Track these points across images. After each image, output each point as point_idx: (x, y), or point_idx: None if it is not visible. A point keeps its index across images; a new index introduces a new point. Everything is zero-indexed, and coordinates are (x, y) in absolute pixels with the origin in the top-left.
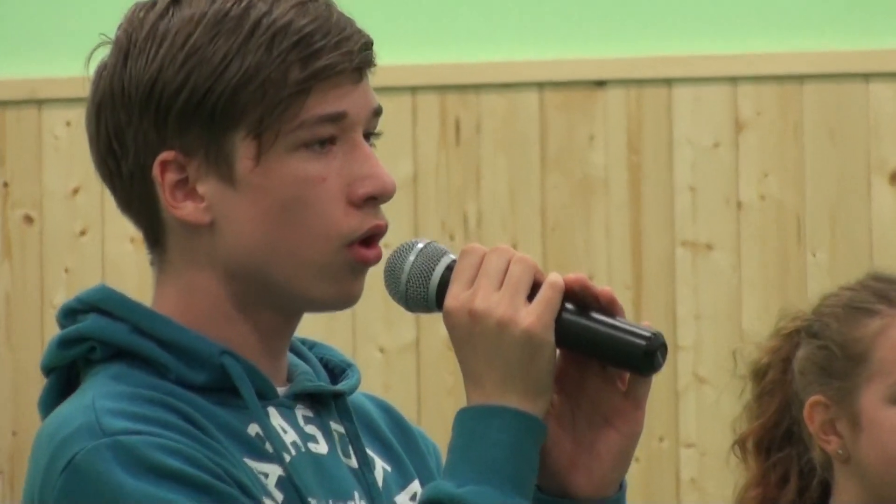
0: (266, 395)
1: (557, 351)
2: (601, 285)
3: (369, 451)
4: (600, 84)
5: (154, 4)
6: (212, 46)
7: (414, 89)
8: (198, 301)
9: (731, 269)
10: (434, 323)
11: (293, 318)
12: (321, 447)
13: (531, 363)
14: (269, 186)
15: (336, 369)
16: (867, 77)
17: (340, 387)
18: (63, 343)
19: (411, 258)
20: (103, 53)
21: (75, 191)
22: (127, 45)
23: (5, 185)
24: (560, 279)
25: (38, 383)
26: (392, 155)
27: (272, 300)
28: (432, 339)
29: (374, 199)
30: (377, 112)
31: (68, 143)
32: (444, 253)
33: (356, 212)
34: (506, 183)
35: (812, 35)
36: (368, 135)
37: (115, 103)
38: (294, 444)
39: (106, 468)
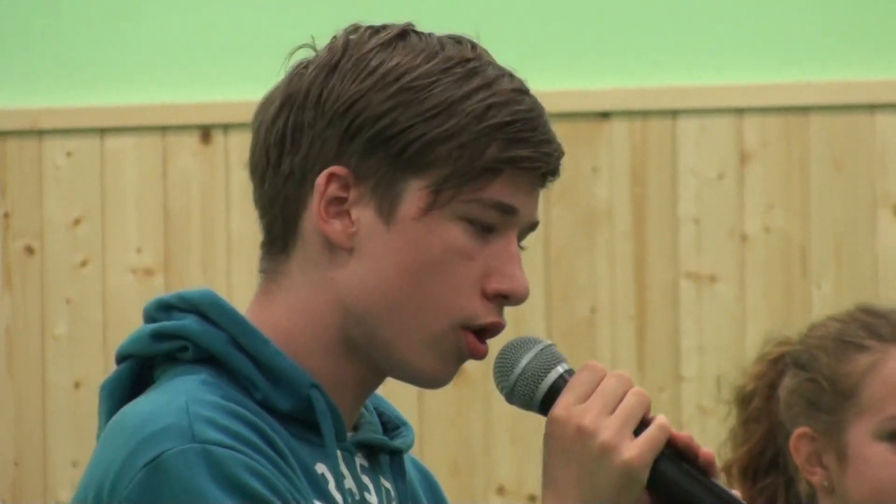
0: (338, 438)
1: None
2: (705, 447)
3: None
4: (604, 115)
5: (379, 30)
6: (426, 92)
7: None
8: (305, 324)
9: (734, 301)
10: None
11: (380, 378)
12: (373, 498)
13: (619, 495)
14: (422, 242)
15: (389, 424)
16: (873, 108)
17: (397, 444)
18: (158, 335)
19: (528, 356)
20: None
21: (76, 221)
22: (340, 57)
23: (6, 215)
24: (668, 424)
25: (39, 414)
26: None
27: (371, 351)
28: None
29: (503, 298)
30: (533, 226)
31: (69, 173)
32: (560, 360)
33: (484, 301)
34: None
35: (817, 66)
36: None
37: (307, 103)
38: (350, 491)
39: (191, 473)
